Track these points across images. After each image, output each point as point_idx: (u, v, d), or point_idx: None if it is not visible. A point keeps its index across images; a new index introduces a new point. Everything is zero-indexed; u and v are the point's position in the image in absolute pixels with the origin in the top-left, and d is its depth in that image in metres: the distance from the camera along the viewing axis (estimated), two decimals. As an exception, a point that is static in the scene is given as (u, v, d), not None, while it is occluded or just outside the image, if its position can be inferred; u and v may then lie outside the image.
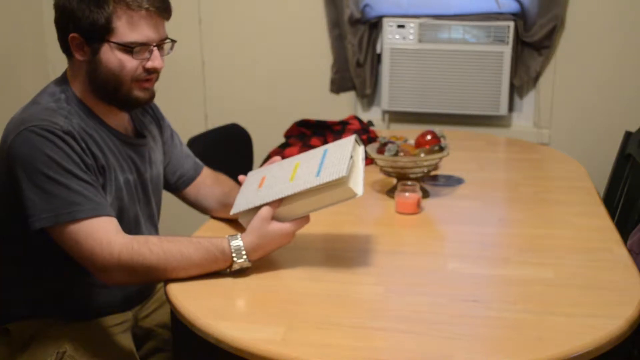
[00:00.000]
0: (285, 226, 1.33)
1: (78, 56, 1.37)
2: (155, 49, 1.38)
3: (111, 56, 1.35)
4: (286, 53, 2.99)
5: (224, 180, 1.70)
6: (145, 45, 1.36)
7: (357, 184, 1.34)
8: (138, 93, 1.40)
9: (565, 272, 1.35)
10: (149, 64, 1.38)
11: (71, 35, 1.35)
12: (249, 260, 1.32)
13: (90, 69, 1.37)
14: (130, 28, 1.34)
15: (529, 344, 1.07)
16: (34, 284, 1.44)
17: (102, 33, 1.33)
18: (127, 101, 1.41)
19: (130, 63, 1.36)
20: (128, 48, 1.35)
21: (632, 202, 2.01)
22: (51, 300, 1.45)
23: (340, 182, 1.29)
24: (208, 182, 1.68)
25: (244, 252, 1.31)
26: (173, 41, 1.44)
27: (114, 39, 1.34)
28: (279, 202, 1.33)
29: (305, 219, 1.36)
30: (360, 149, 1.46)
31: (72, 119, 1.34)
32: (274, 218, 1.33)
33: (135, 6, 1.33)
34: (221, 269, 1.32)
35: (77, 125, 1.34)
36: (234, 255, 1.31)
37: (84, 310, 1.48)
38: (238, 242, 1.31)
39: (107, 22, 1.32)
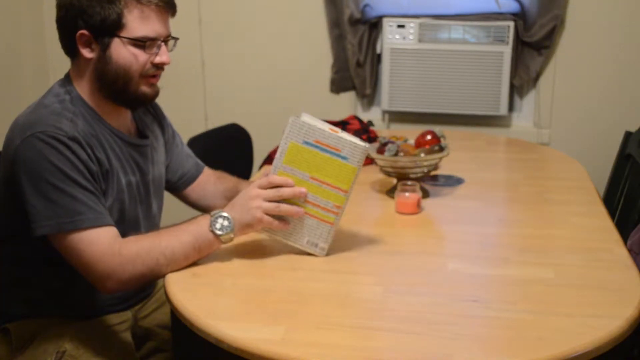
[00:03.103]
0: (261, 180, 1.37)
1: (86, 53, 1.37)
2: (163, 44, 1.40)
3: (123, 51, 1.36)
4: (286, 53, 2.99)
5: (226, 177, 1.74)
6: (154, 40, 1.38)
7: (311, 119, 1.37)
8: (145, 89, 1.41)
9: (565, 272, 1.35)
10: (158, 59, 1.39)
11: (80, 32, 1.35)
12: (230, 216, 1.34)
13: (99, 66, 1.38)
14: (141, 23, 1.35)
15: (529, 344, 1.07)
16: (34, 284, 1.44)
17: (113, 29, 1.34)
18: (134, 98, 1.41)
19: (142, 57, 1.37)
20: (140, 42, 1.36)
21: (632, 202, 2.01)
22: (51, 300, 1.45)
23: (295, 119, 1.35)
24: (212, 180, 1.70)
25: (222, 212, 1.35)
26: (175, 39, 1.45)
27: (125, 34, 1.35)
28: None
29: (266, 180, 1.37)
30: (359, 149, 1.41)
31: (77, 123, 1.34)
32: None
33: (145, 1, 1.35)
34: (209, 236, 1.34)
35: (82, 130, 1.34)
36: (212, 214, 1.35)
37: (83, 309, 1.48)
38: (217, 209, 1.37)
39: (119, 17, 1.34)
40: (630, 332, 1.14)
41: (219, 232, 1.34)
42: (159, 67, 1.41)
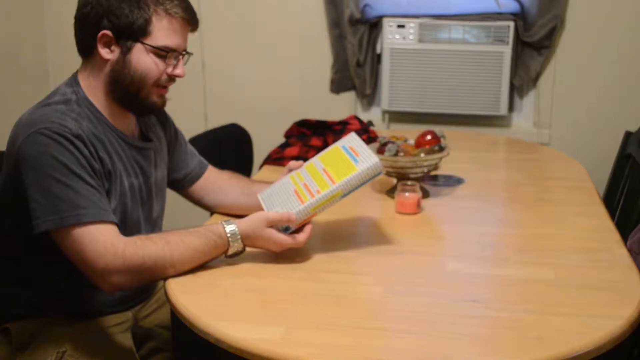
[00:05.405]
0: (279, 237, 1.38)
1: (104, 54, 1.37)
2: (180, 57, 1.42)
3: (144, 57, 1.37)
4: (286, 53, 2.99)
5: (239, 177, 1.73)
6: (174, 52, 1.39)
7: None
8: (155, 98, 1.42)
9: (565, 272, 1.35)
10: (175, 71, 1.41)
11: (103, 32, 1.35)
12: (243, 245, 1.38)
13: (116, 68, 1.38)
14: (166, 33, 1.37)
15: (529, 344, 1.07)
16: (34, 284, 1.44)
17: (138, 34, 1.35)
18: (143, 106, 1.42)
19: (160, 66, 1.39)
20: (162, 52, 1.38)
21: (632, 202, 2.01)
22: (51, 300, 1.45)
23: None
24: (223, 178, 1.69)
25: (239, 237, 1.36)
26: (190, 54, 1.46)
27: (148, 41, 1.36)
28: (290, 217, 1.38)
29: (295, 240, 1.39)
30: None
31: (81, 122, 1.34)
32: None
33: (174, 12, 1.37)
34: (220, 254, 1.37)
35: (86, 129, 1.34)
36: (230, 238, 1.35)
37: (84, 310, 1.48)
38: (233, 227, 1.36)
39: (146, 23, 1.35)
40: (630, 332, 1.14)
41: (229, 253, 1.38)
42: (172, 79, 1.43)
